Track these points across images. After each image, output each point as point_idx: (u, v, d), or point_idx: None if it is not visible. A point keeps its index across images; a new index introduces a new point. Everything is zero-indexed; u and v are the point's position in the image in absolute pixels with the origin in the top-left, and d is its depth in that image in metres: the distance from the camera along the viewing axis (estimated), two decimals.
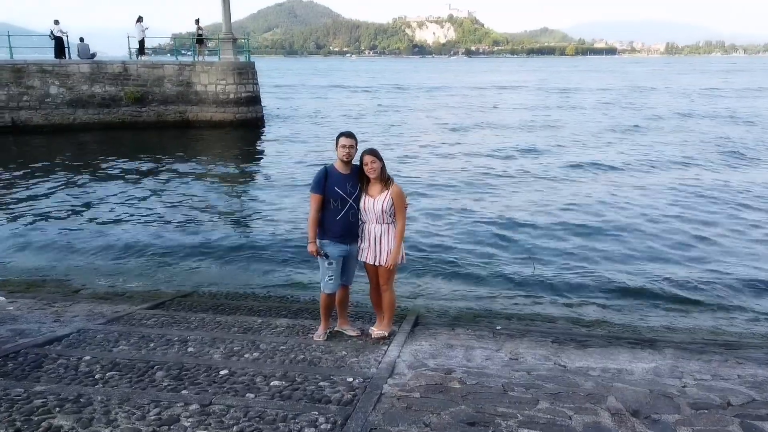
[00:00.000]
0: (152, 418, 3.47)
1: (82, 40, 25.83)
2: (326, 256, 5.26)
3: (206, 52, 27.75)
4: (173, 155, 19.72)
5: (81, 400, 3.67)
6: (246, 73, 25.97)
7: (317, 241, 5.27)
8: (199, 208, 12.85)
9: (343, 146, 5.19)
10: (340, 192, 5.17)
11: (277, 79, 75.93)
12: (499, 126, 29.38)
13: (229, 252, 9.63)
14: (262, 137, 24.84)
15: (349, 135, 5.26)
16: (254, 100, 26.67)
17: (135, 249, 9.69)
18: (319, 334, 5.48)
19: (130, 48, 26.96)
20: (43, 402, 3.61)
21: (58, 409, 3.52)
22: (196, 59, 26.65)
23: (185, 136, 24.51)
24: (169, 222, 11.58)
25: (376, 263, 5.32)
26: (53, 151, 20.78)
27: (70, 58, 25.71)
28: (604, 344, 5.58)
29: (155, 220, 11.72)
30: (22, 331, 5.16)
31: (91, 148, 21.76)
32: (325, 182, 5.19)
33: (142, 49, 27.09)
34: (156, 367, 4.38)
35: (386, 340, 5.46)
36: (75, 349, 4.79)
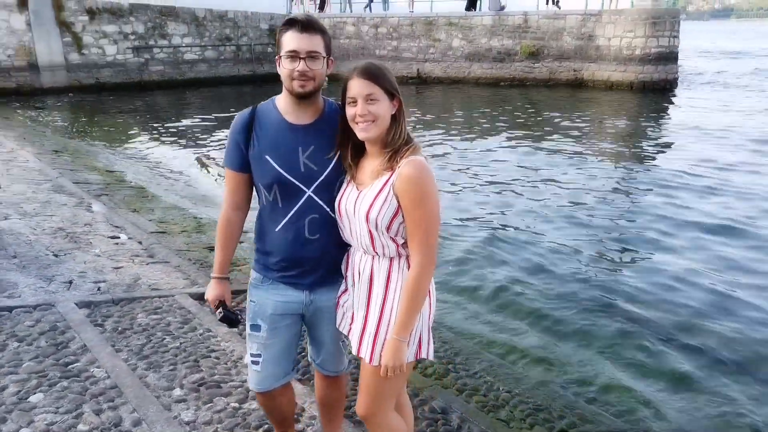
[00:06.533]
0: None
1: None
2: (231, 318, 2.31)
3: None
4: (557, 124, 15.97)
5: None
6: (663, 23, 20.69)
7: (251, 275, 2.36)
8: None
9: (292, 55, 2.04)
10: (278, 169, 2.12)
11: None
12: None
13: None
14: (667, 107, 19.19)
15: (307, 26, 2.05)
16: (667, 57, 21.15)
17: None
18: None
19: None
20: None
21: None
22: (604, 7, 22.71)
23: (576, 98, 21.29)
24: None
25: (356, 350, 2.15)
26: (447, 102, 20.96)
27: (480, 9, 25.56)
28: None
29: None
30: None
31: (478, 104, 20.86)
32: (248, 142, 2.18)
33: None
34: None
35: None
36: None
